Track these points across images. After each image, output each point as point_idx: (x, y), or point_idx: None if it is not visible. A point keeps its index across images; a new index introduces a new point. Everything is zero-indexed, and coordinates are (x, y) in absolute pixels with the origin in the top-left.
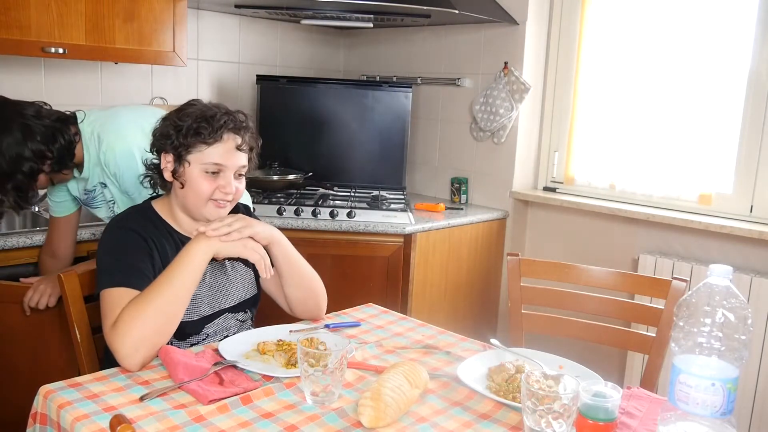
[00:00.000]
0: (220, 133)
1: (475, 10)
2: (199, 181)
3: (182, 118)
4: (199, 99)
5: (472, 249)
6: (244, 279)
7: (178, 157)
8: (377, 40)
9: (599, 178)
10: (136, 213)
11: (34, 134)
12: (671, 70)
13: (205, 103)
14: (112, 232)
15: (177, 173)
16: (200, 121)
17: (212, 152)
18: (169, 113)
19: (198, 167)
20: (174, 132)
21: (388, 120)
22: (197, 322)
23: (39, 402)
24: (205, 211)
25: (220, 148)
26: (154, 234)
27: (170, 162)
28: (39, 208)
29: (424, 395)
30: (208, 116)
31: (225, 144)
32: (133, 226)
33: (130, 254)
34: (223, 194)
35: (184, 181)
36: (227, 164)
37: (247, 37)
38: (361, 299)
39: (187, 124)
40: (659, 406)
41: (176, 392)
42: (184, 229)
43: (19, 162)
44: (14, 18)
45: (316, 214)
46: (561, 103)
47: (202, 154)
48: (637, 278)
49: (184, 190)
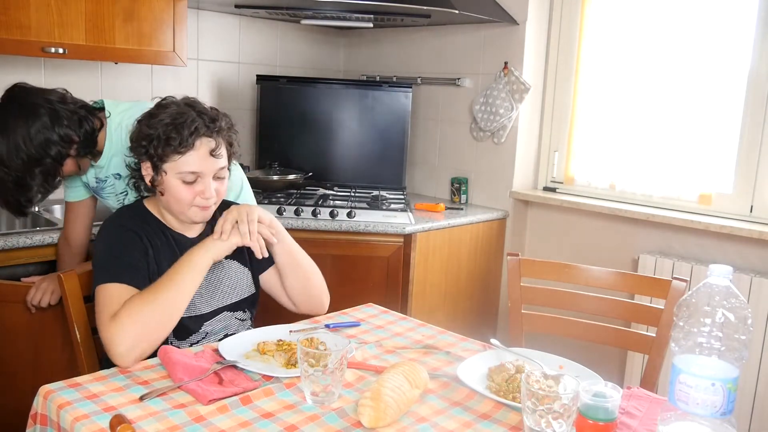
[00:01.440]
0: (191, 141)
1: (475, 10)
2: (178, 190)
3: (152, 126)
4: (172, 98)
5: (472, 249)
6: (240, 277)
7: (155, 167)
8: (377, 40)
9: (599, 178)
10: (129, 211)
11: (61, 119)
12: (671, 70)
13: (176, 105)
14: (108, 230)
15: (155, 182)
16: (170, 130)
17: (186, 160)
18: (141, 117)
19: (174, 176)
20: (146, 142)
21: (388, 120)
22: (195, 320)
23: (39, 402)
24: (190, 215)
25: (194, 156)
26: (148, 232)
27: (148, 170)
28: (39, 208)
29: (424, 395)
30: (177, 123)
31: (198, 151)
32: (128, 224)
33: (126, 251)
34: (203, 200)
35: (164, 190)
36: (203, 170)
37: (247, 37)
38: (361, 299)
39: (157, 133)
40: (659, 406)
41: (176, 392)
42: (176, 227)
43: (48, 146)
44: (14, 18)
45: (316, 214)
46: (561, 103)
47: (176, 163)
48: (637, 278)
49: (165, 197)
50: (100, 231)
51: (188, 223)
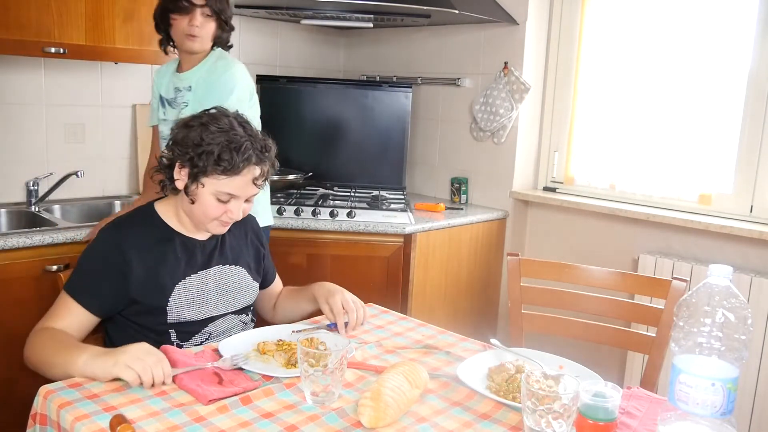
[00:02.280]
0: (241, 167)
1: (475, 10)
2: (210, 205)
3: (205, 138)
4: (226, 112)
5: (472, 249)
6: (249, 284)
7: (193, 176)
8: (377, 40)
9: (599, 179)
10: (138, 217)
11: None
12: (671, 70)
13: (227, 119)
14: (99, 238)
15: (189, 190)
16: (224, 150)
17: (228, 183)
18: (192, 121)
19: (211, 192)
20: (193, 153)
21: (388, 120)
22: (202, 322)
23: (39, 402)
24: (210, 227)
25: (238, 181)
26: (145, 245)
27: (184, 176)
28: (39, 208)
29: (424, 395)
30: (232, 147)
31: (243, 177)
32: (118, 239)
33: (100, 270)
34: (229, 218)
35: (195, 199)
36: (240, 194)
37: (247, 37)
38: (361, 299)
39: (209, 149)
40: (659, 406)
41: (176, 392)
42: (187, 230)
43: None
44: (14, 18)
45: (316, 214)
46: (561, 103)
47: (218, 181)
48: (637, 278)
49: (192, 205)
50: (98, 234)
51: (202, 230)
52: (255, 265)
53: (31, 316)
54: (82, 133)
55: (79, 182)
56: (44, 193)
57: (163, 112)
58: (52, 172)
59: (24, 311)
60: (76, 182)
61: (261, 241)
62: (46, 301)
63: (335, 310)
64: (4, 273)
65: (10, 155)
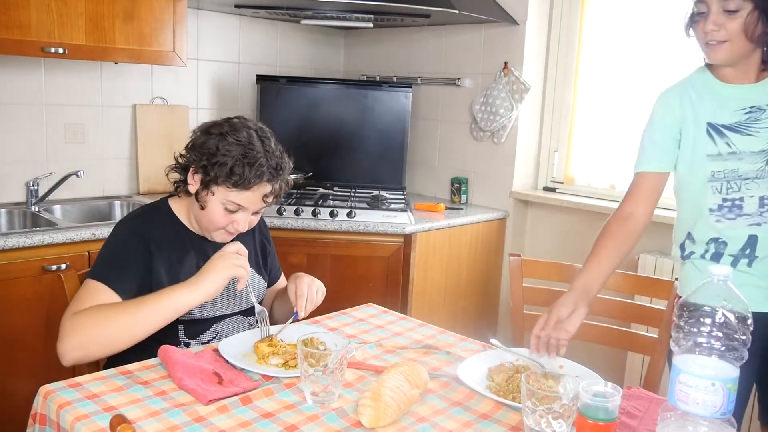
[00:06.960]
0: (252, 183)
1: (475, 10)
2: (217, 214)
3: (221, 148)
4: (248, 124)
5: (472, 249)
6: (257, 286)
7: (205, 183)
8: (377, 40)
9: (599, 178)
10: (152, 212)
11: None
12: (671, 70)
13: (247, 132)
14: (118, 230)
15: (199, 195)
16: (237, 164)
17: (238, 196)
18: (214, 129)
19: (220, 201)
20: (207, 162)
21: (388, 120)
22: (210, 321)
23: (39, 402)
24: (214, 236)
25: (248, 195)
26: (163, 237)
27: (197, 182)
28: (39, 208)
29: (424, 395)
30: (246, 162)
31: (254, 193)
32: (139, 229)
33: (125, 256)
34: (234, 229)
35: (204, 205)
36: (248, 207)
37: (247, 37)
38: (361, 299)
39: (223, 161)
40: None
41: (176, 392)
42: (199, 230)
43: None
44: (14, 18)
45: (316, 214)
46: (561, 103)
47: (228, 192)
48: (637, 278)
49: (201, 211)
50: (115, 227)
51: (206, 234)
52: (262, 262)
53: (31, 315)
54: (82, 133)
55: (79, 182)
56: (44, 193)
57: (715, 144)
58: (52, 172)
59: (24, 311)
60: (76, 182)
61: (267, 238)
62: (46, 301)
63: (298, 292)
64: (4, 273)
65: (10, 155)
